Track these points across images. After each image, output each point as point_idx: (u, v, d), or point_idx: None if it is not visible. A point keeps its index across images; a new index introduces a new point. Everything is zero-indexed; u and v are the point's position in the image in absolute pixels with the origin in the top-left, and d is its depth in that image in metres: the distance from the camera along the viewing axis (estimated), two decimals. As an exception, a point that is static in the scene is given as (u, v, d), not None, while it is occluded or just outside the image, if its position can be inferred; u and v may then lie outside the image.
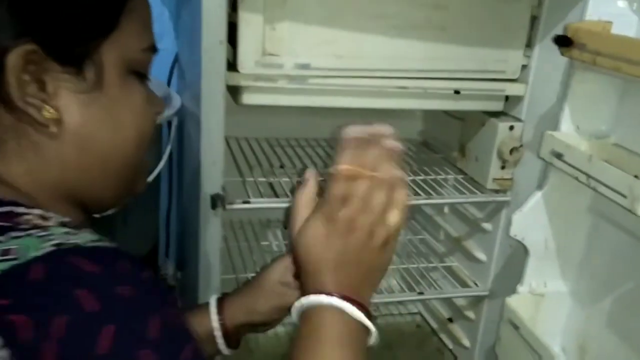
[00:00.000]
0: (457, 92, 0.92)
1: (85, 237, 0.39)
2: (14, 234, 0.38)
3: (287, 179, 0.98)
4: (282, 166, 1.11)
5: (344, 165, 0.53)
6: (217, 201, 0.80)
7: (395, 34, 0.86)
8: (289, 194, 0.83)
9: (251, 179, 0.97)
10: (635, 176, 0.72)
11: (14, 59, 0.41)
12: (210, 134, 0.76)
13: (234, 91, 0.84)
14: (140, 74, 0.49)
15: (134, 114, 0.49)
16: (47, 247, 0.37)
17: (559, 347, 0.87)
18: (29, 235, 0.38)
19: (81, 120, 0.45)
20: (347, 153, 0.54)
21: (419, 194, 0.99)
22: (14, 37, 0.41)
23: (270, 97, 0.85)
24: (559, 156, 0.74)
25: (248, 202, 0.88)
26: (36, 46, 0.42)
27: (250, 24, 0.78)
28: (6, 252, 0.36)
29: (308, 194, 0.55)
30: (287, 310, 0.57)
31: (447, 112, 1.14)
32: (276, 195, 0.93)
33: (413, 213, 1.34)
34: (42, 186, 0.46)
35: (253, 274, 1.03)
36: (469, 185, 1.04)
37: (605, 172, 0.66)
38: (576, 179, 0.71)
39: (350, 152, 0.54)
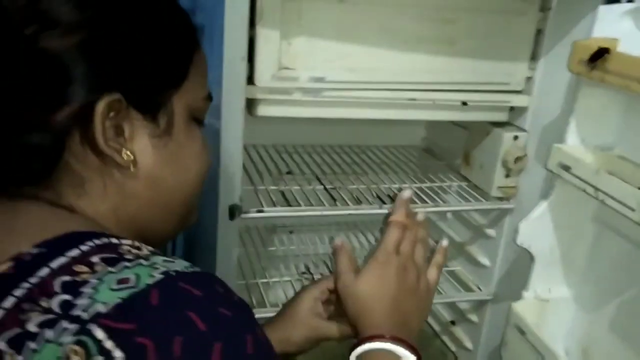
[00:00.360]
0: (464, 103, 0.95)
1: (181, 264, 0.42)
2: (125, 264, 0.41)
3: (297, 187, 1.00)
4: (289, 172, 1.13)
5: (399, 217, 0.67)
6: (235, 211, 0.82)
7: (406, 48, 0.89)
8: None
9: (263, 187, 0.99)
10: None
11: (102, 107, 0.45)
12: (230, 146, 0.78)
13: (249, 103, 0.86)
14: (199, 120, 0.54)
15: (196, 157, 0.53)
16: (157, 275, 0.40)
17: (562, 351, 0.90)
18: (139, 264, 0.41)
19: (153, 163, 0.49)
20: (401, 209, 0.68)
21: (425, 201, 1.01)
22: (100, 89, 0.45)
23: (285, 109, 0.87)
24: (566, 168, 0.77)
25: (262, 212, 0.90)
26: (120, 96, 0.46)
27: (267, 40, 0.80)
28: (123, 280, 0.39)
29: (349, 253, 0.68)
30: (320, 340, 0.69)
31: (452, 121, 1.17)
32: (288, 204, 0.95)
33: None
34: (120, 222, 0.49)
35: (263, 280, 1.07)
36: (473, 192, 1.07)
37: (613, 185, 0.69)
38: (584, 191, 0.74)
39: (404, 209, 0.68)
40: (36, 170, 0.46)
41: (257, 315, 0.93)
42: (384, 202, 0.99)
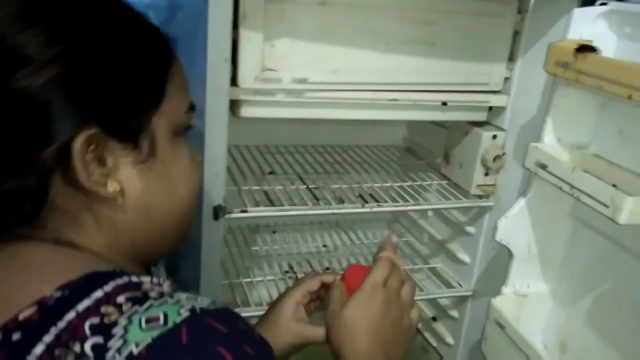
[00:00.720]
0: (444, 103, 0.96)
1: (204, 300, 0.43)
2: (151, 302, 0.41)
3: (280, 187, 1.01)
4: (272, 172, 1.14)
5: (390, 253, 0.69)
6: (219, 212, 0.83)
7: (387, 50, 0.90)
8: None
9: (246, 187, 0.99)
10: (614, 185, 0.78)
11: (79, 145, 0.44)
12: (214, 147, 0.79)
13: (232, 104, 0.86)
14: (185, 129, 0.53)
15: (185, 174, 0.52)
16: (184, 312, 0.41)
17: (541, 344, 0.93)
18: (164, 302, 0.41)
19: (141, 190, 0.49)
20: (390, 248, 0.70)
21: (407, 200, 1.03)
22: (77, 124, 0.44)
23: (268, 110, 0.88)
24: (543, 167, 0.79)
25: (246, 212, 0.90)
26: (97, 128, 0.45)
27: (250, 41, 0.80)
28: (151, 319, 0.40)
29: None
30: (305, 345, 0.69)
31: (432, 121, 1.18)
32: (271, 204, 0.96)
33: (398, 217, 1.38)
34: (118, 251, 0.49)
35: (247, 280, 1.08)
36: (453, 191, 1.09)
37: (588, 183, 0.71)
38: (560, 188, 0.76)
39: (392, 249, 0.71)
40: (25, 213, 0.45)
41: (242, 315, 0.94)
42: (366, 202, 1.00)
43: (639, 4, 0.75)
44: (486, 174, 1.04)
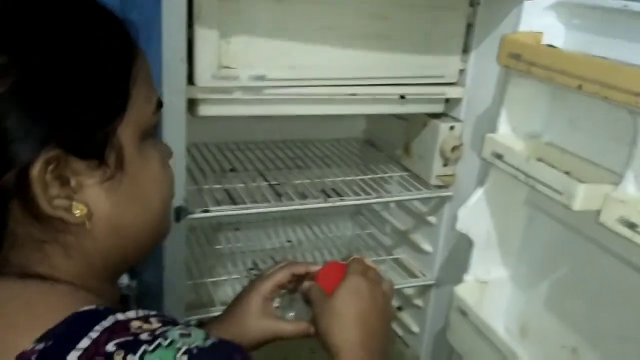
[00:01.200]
0: (402, 96, 0.98)
1: (197, 335, 0.40)
2: (144, 347, 0.38)
3: (242, 185, 1.01)
4: (232, 169, 1.14)
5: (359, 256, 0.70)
6: (181, 213, 0.82)
7: (345, 44, 0.90)
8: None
9: (207, 186, 0.99)
10: (567, 173, 0.80)
11: (37, 168, 0.39)
12: (173, 148, 0.77)
13: (190, 103, 0.85)
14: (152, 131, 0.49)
15: (156, 182, 0.48)
16: (180, 356, 0.38)
17: (502, 328, 0.95)
18: (159, 346, 0.38)
19: (110, 208, 0.44)
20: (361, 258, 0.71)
21: (369, 193, 1.04)
22: (35, 146, 0.39)
23: (226, 107, 0.87)
24: (499, 157, 0.81)
25: (208, 211, 0.90)
26: (57, 149, 0.40)
27: (206, 40, 0.79)
28: None
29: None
30: (273, 340, 0.67)
31: (391, 113, 1.19)
32: (233, 202, 0.95)
33: (361, 209, 1.39)
34: (92, 276, 0.46)
35: (211, 279, 1.07)
36: (413, 182, 1.10)
37: (542, 172, 0.74)
38: (515, 177, 0.78)
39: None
40: None
41: (207, 315, 0.93)
42: (328, 196, 1.00)
43: (584, -5, 0.77)
44: (445, 165, 1.06)
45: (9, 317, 0.40)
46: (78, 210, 0.42)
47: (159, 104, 0.49)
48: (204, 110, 0.86)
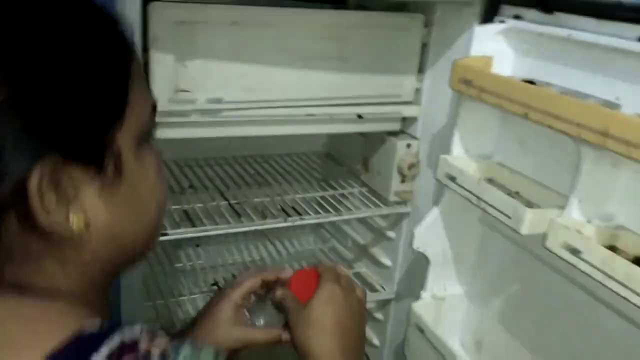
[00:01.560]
0: (359, 116, 0.99)
1: (208, 354, 0.39)
2: None
3: (200, 205, 1.01)
4: (191, 186, 1.13)
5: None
6: (137, 238, 0.81)
7: (302, 66, 0.91)
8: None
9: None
10: (517, 193, 0.83)
11: (35, 181, 0.38)
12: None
13: (146, 126, 0.85)
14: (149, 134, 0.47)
15: (153, 188, 0.47)
16: None
17: (458, 344, 0.98)
18: None
19: (108, 217, 0.43)
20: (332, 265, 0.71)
21: (328, 210, 1.05)
22: (32, 157, 0.38)
23: (184, 130, 0.87)
24: (452, 179, 0.83)
25: (166, 234, 0.89)
26: (55, 158, 0.38)
27: (161, 63, 0.79)
28: None
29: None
30: (243, 348, 0.66)
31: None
32: (192, 223, 0.95)
33: (322, 223, 1.40)
34: (89, 284, 0.44)
35: (172, 299, 1.06)
36: (372, 198, 1.12)
37: (492, 196, 0.76)
38: (468, 200, 0.80)
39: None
40: None
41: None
42: (288, 215, 1.01)
43: (533, 22, 0.80)
44: (403, 181, 1.08)
45: (7, 335, 0.38)
46: (76, 220, 0.40)
47: (155, 106, 0.48)
48: (161, 133, 0.86)
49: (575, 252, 0.63)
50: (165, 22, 0.78)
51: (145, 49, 0.78)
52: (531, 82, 0.76)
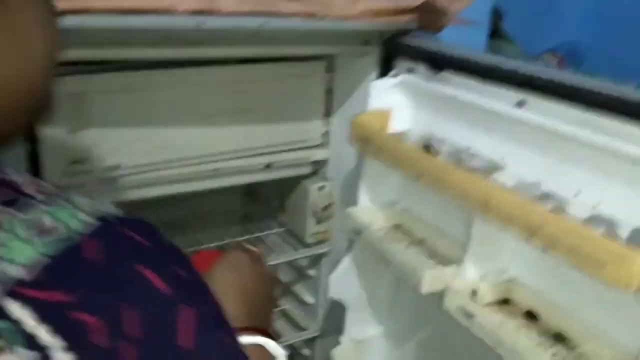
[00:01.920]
0: (267, 166, 0.99)
1: (110, 206, 0.32)
2: (38, 206, 0.29)
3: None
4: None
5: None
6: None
7: (204, 123, 0.90)
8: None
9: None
10: (422, 240, 0.85)
11: None
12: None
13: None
14: None
15: (43, 24, 0.36)
16: (89, 219, 0.30)
17: (379, 383, 0.99)
18: (58, 205, 0.30)
19: None
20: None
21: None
22: None
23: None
24: (358, 233, 0.84)
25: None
26: None
27: (52, 137, 0.76)
28: (41, 228, 0.28)
29: None
30: None
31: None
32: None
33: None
34: None
35: None
36: (291, 239, 1.12)
37: (395, 254, 0.77)
38: (373, 253, 0.82)
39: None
40: None
41: None
42: (202, 269, 0.99)
43: (424, 78, 0.81)
44: (318, 223, 1.08)
45: None
46: None
47: None
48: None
49: (469, 316, 0.65)
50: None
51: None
52: (427, 140, 0.78)
